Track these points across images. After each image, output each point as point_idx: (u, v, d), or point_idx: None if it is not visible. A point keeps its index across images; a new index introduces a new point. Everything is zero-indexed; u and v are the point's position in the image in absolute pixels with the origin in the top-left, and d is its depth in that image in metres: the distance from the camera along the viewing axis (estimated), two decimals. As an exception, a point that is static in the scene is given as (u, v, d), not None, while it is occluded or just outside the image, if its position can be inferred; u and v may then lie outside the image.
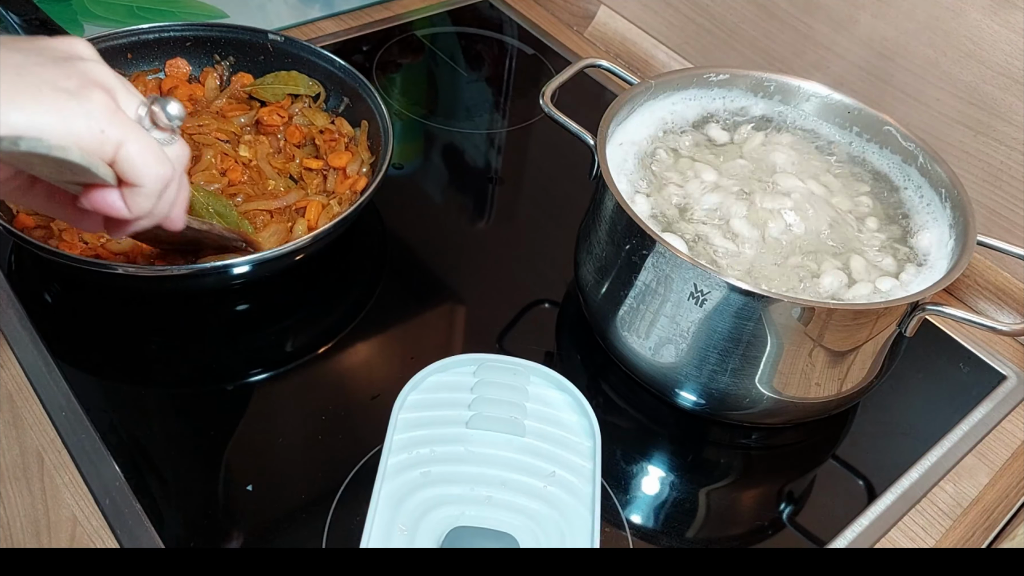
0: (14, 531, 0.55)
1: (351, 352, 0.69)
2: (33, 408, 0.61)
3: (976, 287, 0.81)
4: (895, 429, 0.69)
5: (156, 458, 0.60)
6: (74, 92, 0.39)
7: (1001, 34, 0.73)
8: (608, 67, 0.74)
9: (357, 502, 0.58)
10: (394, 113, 0.92)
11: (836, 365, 0.61)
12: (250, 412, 0.65)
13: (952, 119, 0.78)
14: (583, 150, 0.66)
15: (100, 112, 0.40)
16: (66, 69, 0.39)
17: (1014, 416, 0.72)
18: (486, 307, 0.75)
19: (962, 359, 0.76)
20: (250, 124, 0.78)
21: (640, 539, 0.60)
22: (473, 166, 0.90)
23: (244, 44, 0.82)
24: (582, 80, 0.84)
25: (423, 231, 0.80)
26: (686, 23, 0.98)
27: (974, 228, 0.61)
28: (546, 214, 0.85)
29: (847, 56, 0.84)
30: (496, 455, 0.56)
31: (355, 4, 1.06)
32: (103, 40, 0.77)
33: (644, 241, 0.59)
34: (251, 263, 0.63)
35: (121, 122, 0.41)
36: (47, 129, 0.38)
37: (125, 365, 0.66)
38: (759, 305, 0.56)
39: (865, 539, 0.62)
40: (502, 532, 0.51)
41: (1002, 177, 0.77)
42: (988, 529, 0.65)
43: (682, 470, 0.65)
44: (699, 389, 0.63)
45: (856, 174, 0.71)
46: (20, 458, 0.59)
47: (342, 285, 0.74)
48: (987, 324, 0.58)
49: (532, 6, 1.12)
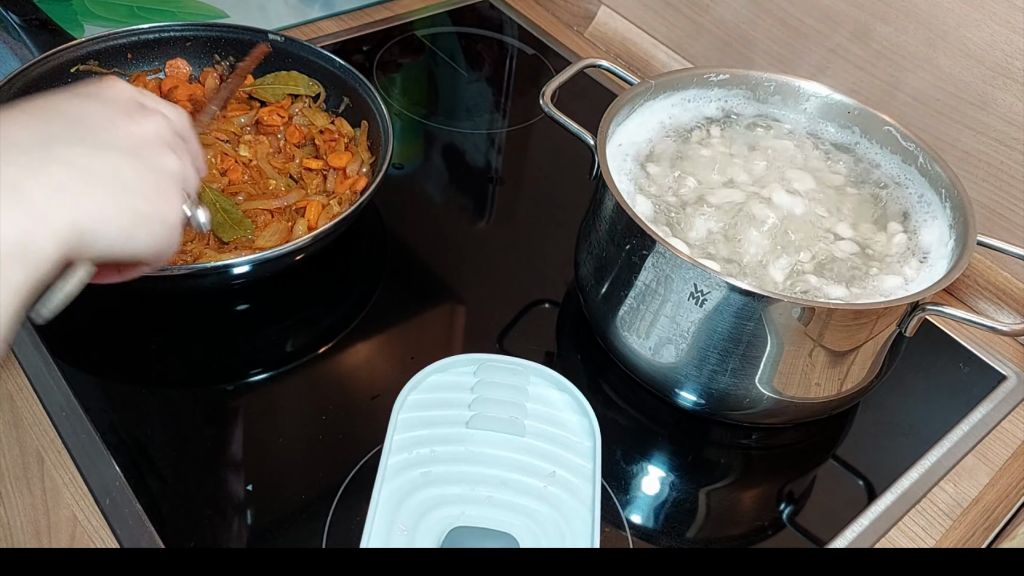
0: (14, 531, 0.55)
1: (351, 352, 0.69)
2: (33, 408, 0.61)
3: (976, 287, 0.81)
4: (895, 429, 0.69)
5: (156, 458, 0.60)
6: (173, 224, 0.46)
7: (1001, 34, 0.73)
8: (608, 67, 0.74)
9: (357, 502, 0.58)
10: (394, 113, 0.92)
11: (836, 365, 0.61)
12: (250, 412, 0.65)
13: (952, 119, 0.78)
14: (583, 150, 0.66)
15: (178, 236, 0.48)
16: (161, 183, 0.45)
17: (1014, 416, 0.72)
18: (486, 307, 0.75)
19: (962, 359, 0.76)
20: (250, 124, 0.78)
21: (640, 539, 0.60)
22: (473, 166, 0.90)
23: (244, 44, 0.82)
24: (582, 80, 0.84)
25: (423, 231, 0.80)
26: (686, 23, 0.98)
27: (974, 228, 0.61)
28: (546, 214, 0.85)
29: (847, 56, 0.84)
30: (496, 455, 0.56)
31: (355, 4, 1.06)
32: (103, 40, 0.77)
33: (644, 241, 0.59)
34: (251, 263, 0.63)
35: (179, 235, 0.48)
36: (151, 255, 0.46)
37: (125, 365, 0.66)
38: (759, 305, 0.56)
39: (865, 539, 0.62)
40: (502, 532, 0.51)
41: (1002, 177, 0.77)
42: (988, 529, 0.65)
43: (682, 470, 0.65)
44: (699, 389, 0.63)
45: (856, 174, 0.71)
46: (20, 458, 0.59)
47: (342, 285, 0.74)
48: (987, 324, 0.58)
49: (532, 6, 1.12)
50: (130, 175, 0.43)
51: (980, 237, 0.62)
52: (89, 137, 0.43)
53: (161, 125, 0.47)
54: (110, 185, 0.42)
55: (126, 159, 0.43)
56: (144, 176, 0.44)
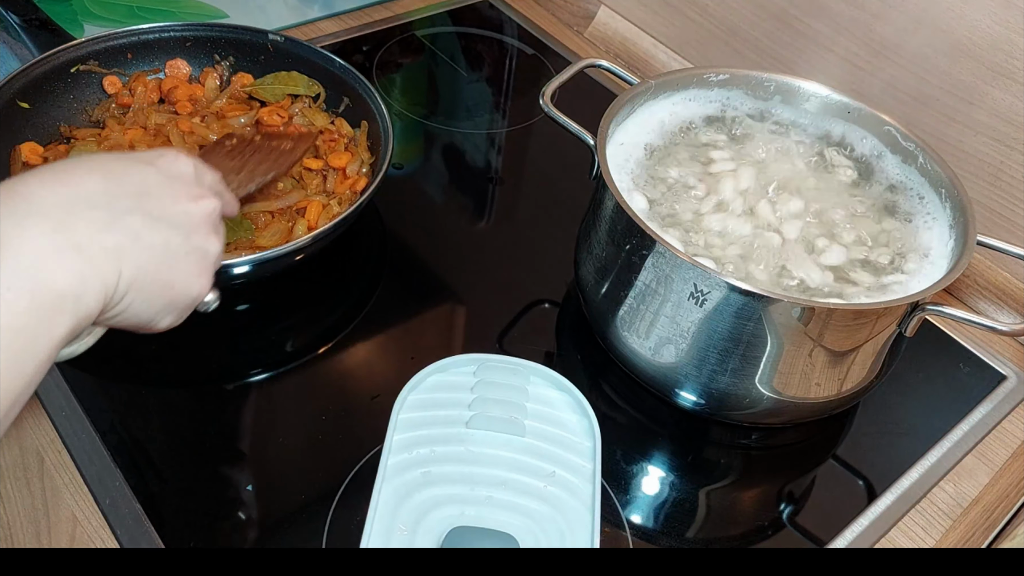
0: (14, 531, 0.55)
1: (351, 352, 0.69)
2: (33, 408, 0.61)
3: (976, 287, 0.81)
4: (895, 429, 0.69)
5: (156, 458, 0.60)
6: (195, 301, 0.49)
7: (1000, 34, 0.73)
8: (608, 67, 0.74)
9: (357, 502, 0.58)
10: (394, 113, 0.92)
11: (836, 365, 0.61)
12: (250, 412, 0.65)
13: (952, 119, 0.78)
14: (583, 150, 0.66)
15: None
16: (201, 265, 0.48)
17: (1014, 416, 0.72)
18: (486, 307, 0.75)
19: (962, 359, 0.76)
20: (250, 124, 0.78)
21: (640, 539, 0.60)
22: (473, 166, 0.90)
23: (244, 44, 0.82)
24: (582, 80, 0.84)
25: (423, 231, 0.80)
26: (686, 23, 0.98)
27: (974, 228, 0.61)
28: (546, 214, 0.85)
29: (847, 56, 0.84)
30: (496, 455, 0.56)
31: (355, 4, 1.06)
32: (103, 40, 0.77)
33: (644, 241, 0.59)
34: (251, 263, 0.63)
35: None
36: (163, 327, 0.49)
37: (125, 365, 0.66)
38: (759, 305, 0.56)
39: (865, 539, 0.62)
40: (502, 532, 0.51)
41: (1002, 177, 0.77)
42: (988, 529, 0.65)
43: (682, 470, 0.65)
44: (699, 389, 0.63)
45: (856, 174, 0.71)
46: (20, 458, 0.59)
47: (342, 285, 0.74)
48: (987, 324, 0.58)
49: (532, 6, 1.12)
50: (177, 252, 0.46)
51: (980, 237, 0.62)
52: (154, 210, 0.45)
53: (213, 207, 0.49)
54: (159, 259, 0.45)
55: (178, 237, 0.46)
56: (189, 254, 0.47)
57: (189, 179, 0.49)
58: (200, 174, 0.50)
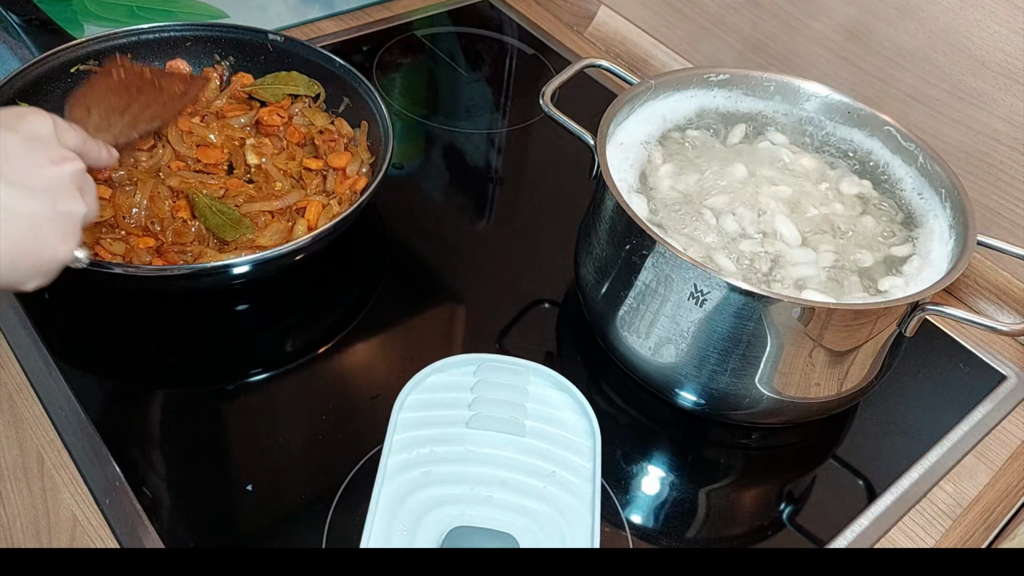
0: (14, 531, 0.55)
1: (351, 352, 0.69)
2: (33, 408, 0.61)
3: (976, 287, 0.81)
4: (895, 429, 0.69)
5: (156, 458, 0.60)
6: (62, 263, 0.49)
7: (1001, 34, 0.73)
8: (608, 67, 0.74)
9: (357, 502, 0.58)
10: (394, 113, 0.92)
11: (836, 365, 0.61)
12: (250, 412, 0.65)
13: (952, 119, 0.78)
14: (583, 150, 0.66)
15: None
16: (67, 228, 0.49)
17: (1014, 416, 0.72)
18: (486, 307, 0.75)
19: (962, 359, 0.76)
20: (250, 124, 0.78)
21: (640, 539, 0.60)
22: (473, 166, 0.90)
23: (244, 44, 0.82)
24: (582, 80, 0.84)
25: (423, 231, 0.80)
26: (686, 23, 0.98)
27: (974, 228, 0.61)
28: (546, 214, 0.85)
29: (847, 56, 0.84)
30: (496, 455, 0.56)
31: (355, 4, 1.06)
32: (103, 40, 0.77)
33: (644, 241, 0.59)
34: (251, 263, 0.63)
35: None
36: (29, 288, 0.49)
37: (125, 365, 0.66)
38: (759, 305, 0.56)
39: (865, 539, 0.62)
40: (502, 532, 0.51)
41: (1002, 177, 0.77)
42: (988, 529, 0.65)
43: (682, 470, 0.65)
44: (699, 389, 0.63)
45: (856, 174, 0.71)
46: (20, 458, 0.59)
47: (342, 285, 0.74)
48: (987, 324, 0.58)
49: (532, 6, 1.12)
50: (43, 221, 0.47)
51: (980, 237, 0.62)
52: (16, 179, 0.46)
53: (76, 168, 0.49)
54: (24, 230, 0.46)
55: (43, 205, 0.47)
56: (54, 220, 0.48)
57: (50, 140, 0.49)
58: (62, 133, 0.50)
